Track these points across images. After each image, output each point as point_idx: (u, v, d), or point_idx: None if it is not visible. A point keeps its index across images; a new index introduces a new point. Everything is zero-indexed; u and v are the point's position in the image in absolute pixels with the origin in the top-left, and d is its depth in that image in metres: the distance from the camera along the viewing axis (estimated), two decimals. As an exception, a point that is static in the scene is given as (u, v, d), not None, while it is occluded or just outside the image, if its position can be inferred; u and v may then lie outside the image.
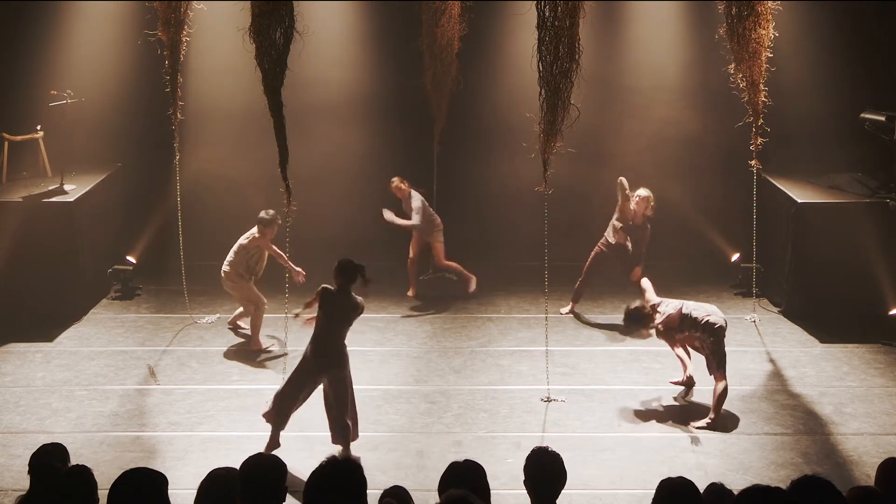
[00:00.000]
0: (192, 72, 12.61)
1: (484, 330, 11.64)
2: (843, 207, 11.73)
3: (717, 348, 9.13)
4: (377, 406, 9.61)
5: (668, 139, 13.75)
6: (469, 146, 13.70)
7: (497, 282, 13.02)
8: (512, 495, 5.67)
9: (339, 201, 13.71)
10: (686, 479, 4.71)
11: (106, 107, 13.01)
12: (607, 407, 9.59)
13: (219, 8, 11.50)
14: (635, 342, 11.18)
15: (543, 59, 8.53)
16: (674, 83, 13.68)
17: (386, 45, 13.57)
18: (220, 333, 11.47)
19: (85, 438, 8.89)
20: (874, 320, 11.27)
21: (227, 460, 6.95)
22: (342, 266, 8.69)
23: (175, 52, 10.39)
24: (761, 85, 10.53)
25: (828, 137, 12.76)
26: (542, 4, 8.43)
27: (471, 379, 10.30)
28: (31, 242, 11.62)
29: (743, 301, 12.39)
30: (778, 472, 8.32)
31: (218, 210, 13.30)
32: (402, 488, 5.19)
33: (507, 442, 8.85)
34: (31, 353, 10.83)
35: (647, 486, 5.03)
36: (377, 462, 8.46)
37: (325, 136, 13.62)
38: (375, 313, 12.09)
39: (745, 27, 10.24)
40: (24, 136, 12.38)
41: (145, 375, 10.34)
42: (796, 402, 9.70)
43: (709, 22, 11.91)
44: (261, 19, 8.65)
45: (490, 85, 13.47)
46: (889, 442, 8.84)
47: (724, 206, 13.42)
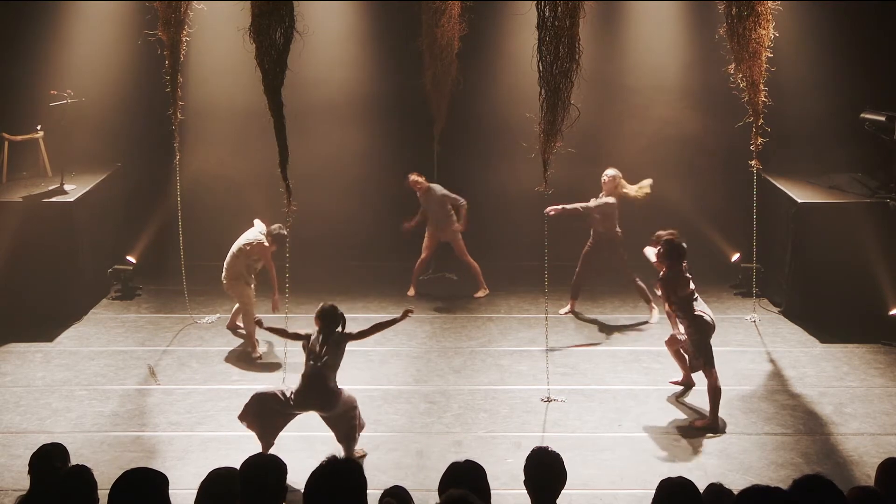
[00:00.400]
0: (192, 72, 12.61)
1: (484, 330, 11.64)
2: (843, 207, 11.73)
3: (701, 344, 9.10)
4: (377, 406, 9.61)
5: (668, 139, 13.75)
6: (469, 146, 13.70)
7: (497, 282, 13.02)
8: (512, 495, 5.67)
9: (339, 201, 13.70)
10: (686, 479, 4.71)
11: (106, 107, 13.01)
12: (607, 407, 9.59)
13: (219, 8, 11.50)
14: (635, 342, 11.20)
15: (543, 59, 8.53)
16: (674, 83, 13.69)
17: (386, 45, 13.57)
18: (220, 333, 11.47)
19: (85, 438, 8.89)
20: (874, 320, 11.27)
21: (227, 460, 6.95)
22: (325, 313, 8.53)
23: (175, 52, 10.39)
24: (761, 85, 10.53)
25: (828, 137, 12.76)
26: (542, 4, 8.43)
27: (471, 379, 10.30)
28: (31, 242, 11.62)
29: (743, 301, 12.39)
30: (778, 472, 8.31)
31: (218, 210, 13.30)
32: (402, 488, 5.19)
33: (507, 442, 8.85)
34: (31, 353, 10.83)
35: (647, 486, 5.03)
36: (377, 462, 8.46)
37: (325, 136, 13.62)
38: (375, 313, 12.09)
39: (745, 27, 10.24)
40: (24, 136, 12.39)
41: (145, 375, 10.34)
42: (796, 402, 9.70)
43: (709, 22, 11.91)
44: (261, 19, 8.65)
45: (490, 85, 13.47)
46: (889, 442, 8.84)
47: (724, 206, 13.42)
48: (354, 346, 11.00)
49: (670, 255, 9.22)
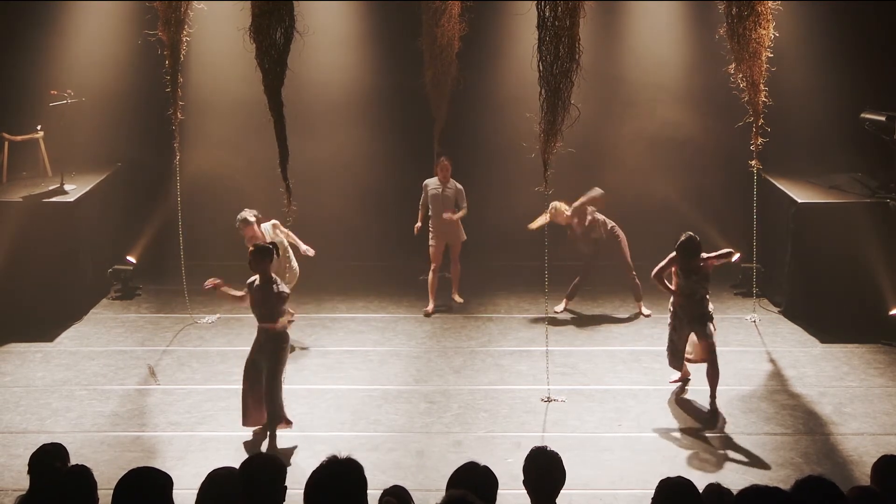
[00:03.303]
0: (192, 72, 12.62)
1: (484, 330, 11.64)
2: (843, 207, 11.73)
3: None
4: (377, 406, 9.61)
5: (668, 139, 13.75)
6: (469, 146, 13.70)
7: (497, 282, 13.02)
8: (512, 495, 5.66)
9: (339, 201, 13.70)
10: (686, 479, 4.71)
11: (106, 107, 13.02)
12: (607, 407, 9.59)
13: (219, 8, 11.50)
14: (635, 342, 11.20)
15: (543, 59, 8.52)
16: (674, 83, 13.68)
17: (386, 45, 13.57)
18: (220, 333, 11.47)
19: (85, 438, 8.89)
20: (874, 320, 11.27)
21: (227, 460, 6.96)
22: (258, 251, 8.75)
23: (175, 52, 10.39)
24: (761, 85, 10.53)
25: (828, 137, 12.76)
26: (542, 4, 8.43)
27: (471, 379, 10.29)
28: (31, 242, 11.62)
29: (743, 301, 12.39)
30: (778, 472, 8.31)
31: (218, 210, 13.29)
32: (402, 488, 5.18)
33: (507, 442, 8.85)
34: (31, 353, 10.84)
35: (647, 486, 5.02)
36: (377, 462, 8.46)
37: (326, 135, 13.62)
38: (375, 313, 12.10)
39: (745, 27, 10.24)
40: (24, 136, 12.40)
41: (145, 375, 10.34)
42: (796, 402, 9.70)
43: (709, 22, 11.91)
44: (261, 19, 8.65)
45: (490, 85, 13.47)
46: (889, 442, 8.84)
47: (724, 206, 13.42)
48: (354, 346, 11.07)
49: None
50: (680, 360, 9.78)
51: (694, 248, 9.47)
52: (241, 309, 11.95)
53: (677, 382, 10.00)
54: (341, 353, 10.86)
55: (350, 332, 11.56)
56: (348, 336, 11.42)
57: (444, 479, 4.78)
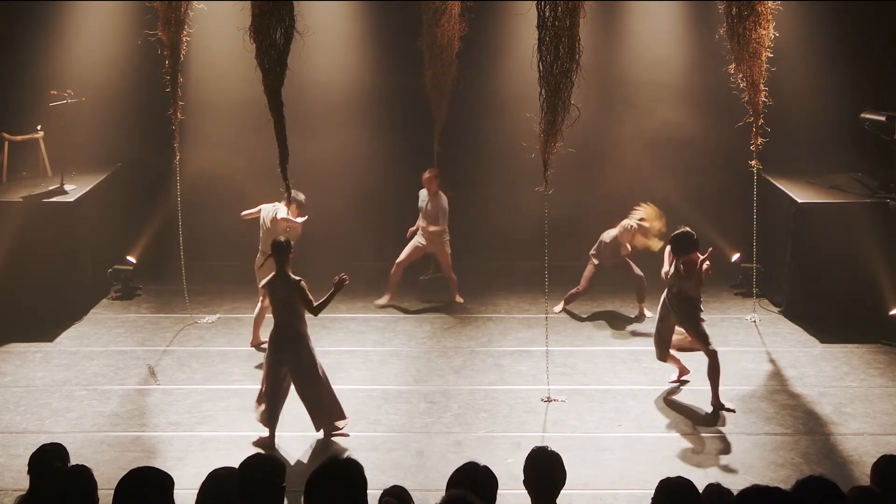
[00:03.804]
0: (192, 72, 12.62)
1: (484, 330, 11.64)
2: (843, 207, 11.73)
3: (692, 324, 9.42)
4: (377, 406, 9.61)
5: (668, 139, 13.74)
6: (469, 146, 13.70)
7: (497, 282, 13.02)
8: (512, 495, 5.66)
9: (338, 201, 13.68)
10: (686, 479, 4.71)
11: (106, 107, 13.01)
12: (607, 407, 9.59)
13: (219, 8, 11.50)
14: (635, 342, 11.20)
15: (543, 59, 8.53)
16: (674, 83, 13.68)
17: (386, 45, 13.56)
18: (220, 333, 11.47)
19: (85, 438, 8.89)
20: (874, 320, 11.26)
21: (227, 460, 6.94)
22: (275, 246, 8.77)
23: (175, 52, 10.39)
24: (761, 85, 10.53)
25: (828, 137, 12.76)
26: (542, 4, 8.43)
27: (471, 379, 10.29)
28: (31, 242, 11.61)
29: (743, 301, 12.39)
30: (778, 472, 8.31)
31: (218, 210, 13.29)
32: (402, 488, 5.18)
33: (507, 442, 8.85)
34: (31, 353, 10.83)
35: (647, 486, 5.02)
36: (377, 462, 8.46)
37: (325, 135, 13.61)
38: (375, 313, 12.10)
39: (745, 27, 10.24)
40: (24, 136, 12.39)
41: (145, 375, 10.34)
42: (796, 402, 9.70)
43: (709, 22, 11.91)
44: (261, 19, 8.65)
45: (490, 85, 13.46)
46: (889, 442, 8.84)
47: (724, 206, 13.42)
48: (354, 347, 11.07)
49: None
50: (665, 351, 9.76)
51: (685, 243, 9.43)
52: (242, 309, 12.03)
53: (676, 382, 9.99)
54: (341, 353, 10.86)
55: (350, 332, 11.56)
56: (348, 336, 11.42)
57: (444, 479, 4.78)
